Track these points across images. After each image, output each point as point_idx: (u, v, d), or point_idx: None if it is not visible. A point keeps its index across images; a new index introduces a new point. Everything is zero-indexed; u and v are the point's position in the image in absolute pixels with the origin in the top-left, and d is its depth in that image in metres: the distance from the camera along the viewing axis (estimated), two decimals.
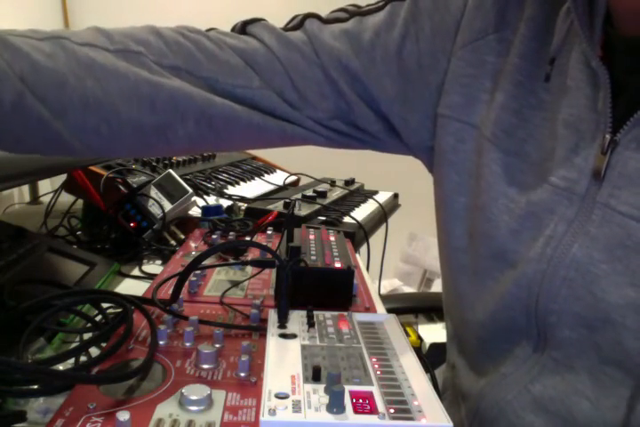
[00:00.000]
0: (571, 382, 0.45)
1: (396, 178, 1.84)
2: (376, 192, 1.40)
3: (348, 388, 0.37)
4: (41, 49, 0.44)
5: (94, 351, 0.48)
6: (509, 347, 0.50)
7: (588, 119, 0.43)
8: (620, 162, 0.41)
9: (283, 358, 0.41)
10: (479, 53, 0.50)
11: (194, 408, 0.38)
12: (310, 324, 0.48)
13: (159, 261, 0.86)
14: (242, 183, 1.29)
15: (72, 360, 0.46)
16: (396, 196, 1.42)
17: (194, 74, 0.51)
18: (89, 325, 0.54)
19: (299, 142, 0.58)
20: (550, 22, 0.47)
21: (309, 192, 1.15)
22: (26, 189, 1.47)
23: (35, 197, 1.42)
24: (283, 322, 0.48)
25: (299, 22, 0.56)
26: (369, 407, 0.35)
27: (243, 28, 0.57)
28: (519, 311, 0.48)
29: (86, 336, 0.52)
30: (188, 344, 0.48)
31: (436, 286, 2.50)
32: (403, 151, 0.60)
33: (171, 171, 0.96)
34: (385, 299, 0.98)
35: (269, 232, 0.88)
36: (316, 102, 0.55)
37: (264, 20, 0.57)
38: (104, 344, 0.49)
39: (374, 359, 0.42)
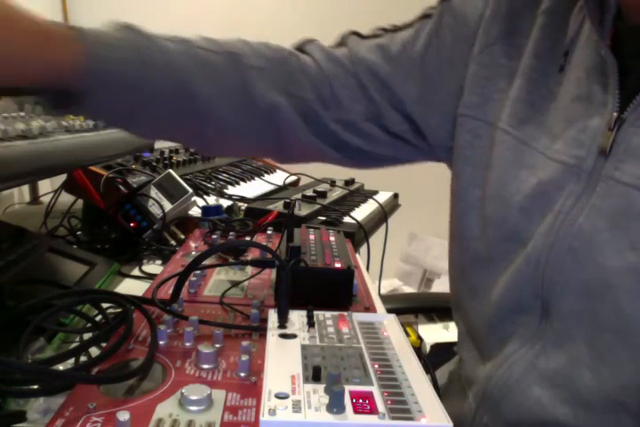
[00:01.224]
0: (571, 353, 0.47)
1: (396, 178, 1.82)
2: (376, 192, 1.40)
3: (347, 388, 0.37)
4: (177, 50, 0.52)
5: (94, 351, 0.48)
6: (515, 328, 0.52)
7: (596, 102, 0.46)
8: (625, 138, 0.44)
9: (283, 358, 0.41)
10: (494, 57, 0.55)
11: (194, 408, 0.38)
12: (310, 324, 0.48)
13: (159, 261, 0.86)
14: (242, 183, 1.29)
15: (72, 360, 0.46)
16: (395, 196, 1.42)
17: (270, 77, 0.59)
18: (89, 325, 0.54)
19: (334, 151, 0.64)
20: (563, 24, 0.51)
21: (309, 192, 1.15)
22: (26, 189, 1.46)
23: (35, 197, 1.42)
24: (283, 322, 0.48)
25: (343, 39, 0.65)
26: (369, 407, 0.35)
27: (301, 46, 0.65)
28: (526, 288, 0.50)
29: (86, 336, 0.52)
30: (188, 344, 0.48)
31: (436, 286, 2.50)
32: (429, 155, 0.65)
33: (171, 171, 0.96)
34: (385, 299, 0.98)
35: (269, 232, 0.88)
36: (349, 105, 0.61)
37: (316, 40, 0.66)
38: (104, 344, 0.49)
39: (374, 359, 0.42)
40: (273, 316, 0.50)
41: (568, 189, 0.47)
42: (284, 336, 0.46)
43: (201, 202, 1.00)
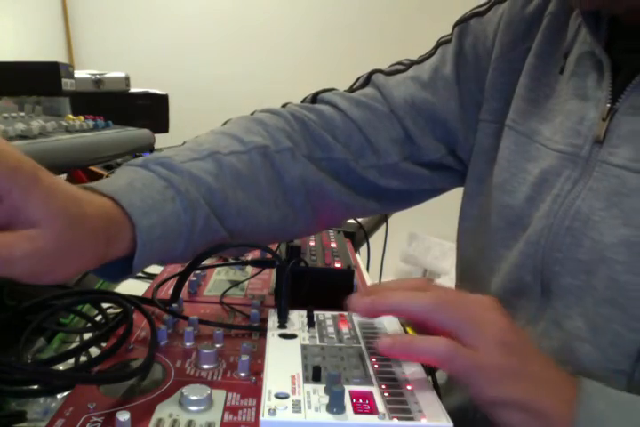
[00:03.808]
0: (571, 330, 0.49)
1: None
2: None
3: (347, 388, 0.37)
4: (209, 171, 0.50)
5: (94, 351, 0.48)
6: (514, 313, 0.53)
7: (592, 96, 0.50)
8: (617, 126, 0.47)
9: (283, 358, 0.41)
10: (510, 63, 0.58)
11: (194, 408, 0.38)
12: (310, 324, 0.48)
13: None
14: None
15: (72, 360, 0.46)
16: None
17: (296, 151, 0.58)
18: (89, 325, 0.54)
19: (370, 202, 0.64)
20: (563, 26, 0.54)
21: None
22: None
23: None
24: (283, 322, 0.48)
25: (365, 80, 0.65)
26: (369, 407, 0.35)
27: (318, 97, 0.65)
28: (527, 270, 0.52)
29: (86, 336, 0.52)
30: (188, 344, 0.48)
31: None
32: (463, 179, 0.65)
33: None
34: None
35: None
36: (386, 148, 0.62)
37: (334, 88, 0.66)
38: (104, 344, 0.49)
39: (374, 359, 0.42)
40: (273, 316, 0.50)
41: (565, 175, 0.50)
42: (283, 336, 0.46)
43: None
